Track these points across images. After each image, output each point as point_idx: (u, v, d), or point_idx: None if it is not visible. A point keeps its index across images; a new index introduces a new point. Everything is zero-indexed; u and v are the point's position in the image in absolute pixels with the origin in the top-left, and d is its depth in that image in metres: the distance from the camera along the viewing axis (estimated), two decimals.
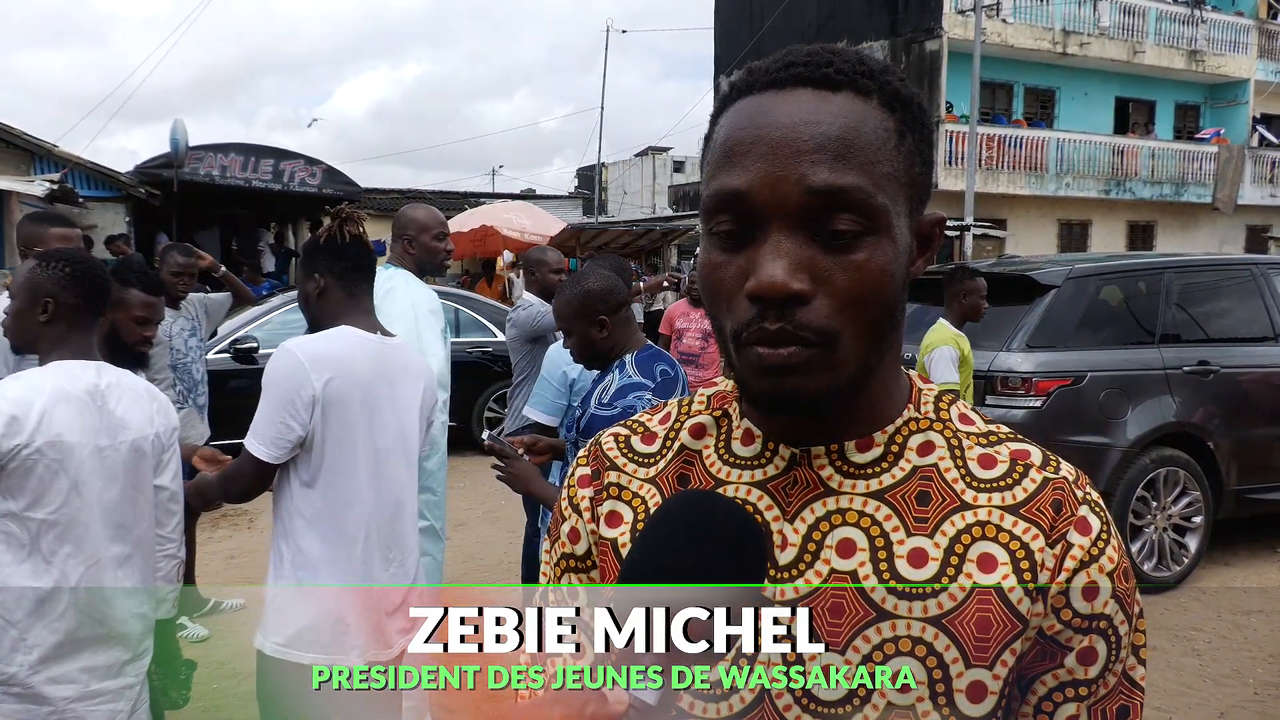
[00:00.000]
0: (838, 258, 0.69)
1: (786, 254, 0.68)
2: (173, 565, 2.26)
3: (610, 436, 0.87)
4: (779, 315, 0.69)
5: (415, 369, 2.32)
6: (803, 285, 0.68)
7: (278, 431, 2.08)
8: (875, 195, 0.69)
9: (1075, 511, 0.74)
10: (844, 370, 0.71)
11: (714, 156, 0.73)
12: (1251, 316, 5.68)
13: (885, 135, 0.71)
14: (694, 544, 0.66)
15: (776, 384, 0.71)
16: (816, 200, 0.68)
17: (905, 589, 0.72)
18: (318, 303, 2.23)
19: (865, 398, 0.76)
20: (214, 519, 6.26)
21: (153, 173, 13.61)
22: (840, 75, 0.72)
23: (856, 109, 0.71)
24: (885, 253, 0.71)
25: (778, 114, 0.70)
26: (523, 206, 16.18)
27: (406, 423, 2.26)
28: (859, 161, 0.69)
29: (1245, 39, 22.07)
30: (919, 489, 0.75)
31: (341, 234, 2.22)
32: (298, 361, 2.09)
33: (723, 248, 0.72)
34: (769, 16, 20.68)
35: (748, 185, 0.69)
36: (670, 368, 2.54)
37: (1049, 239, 20.57)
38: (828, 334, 0.69)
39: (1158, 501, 5.18)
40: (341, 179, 15.35)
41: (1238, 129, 22.35)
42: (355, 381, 2.13)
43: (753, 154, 0.70)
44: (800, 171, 0.68)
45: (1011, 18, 19.11)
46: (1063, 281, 5.30)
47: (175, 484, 2.25)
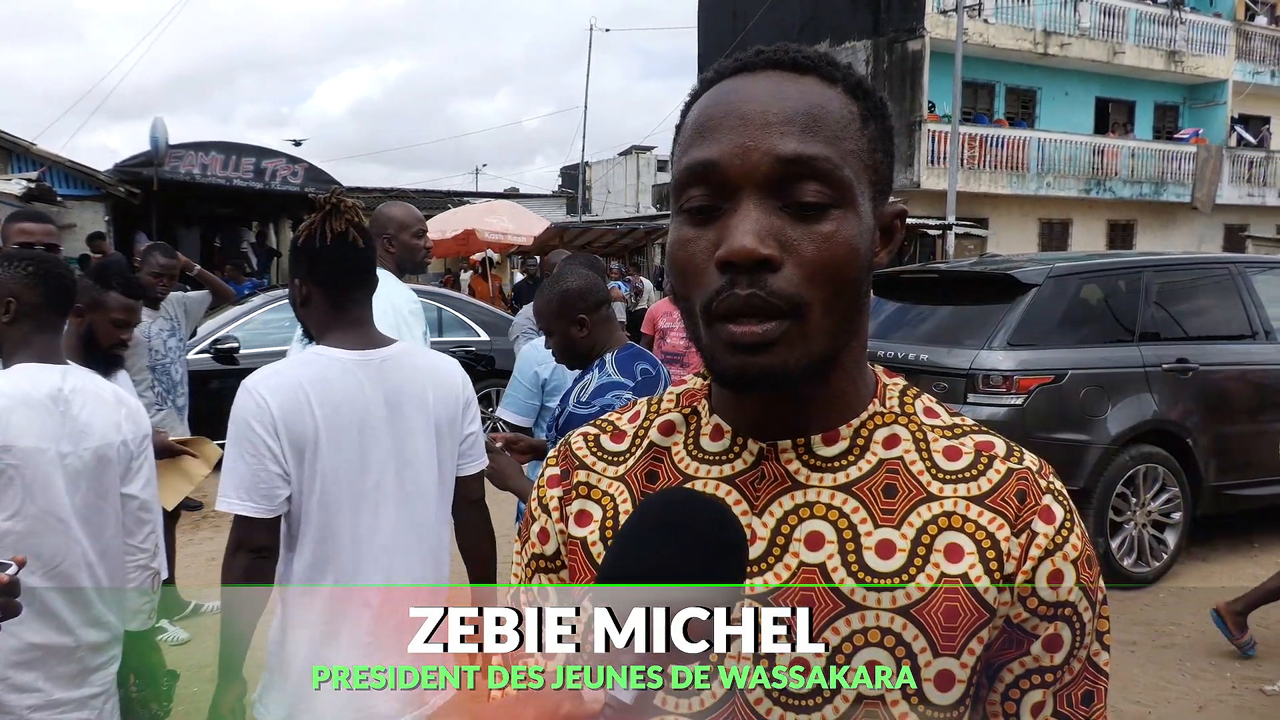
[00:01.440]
0: (806, 227, 0.71)
1: (756, 221, 0.70)
2: (146, 576, 2.19)
3: (580, 436, 0.88)
4: (749, 281, 0.70)
5: (420, 380, 1.96)
6: (771, 250, 0.70)
7: (250, 476, 1.79)
8: (841, 168, 0.72)
9: (1039, 501, 0.75)
10: (814, 345, 0.72)
11: (685, 137, 0.75)
12: (1229, 315, 5.73)
13: (850, 117, 0.74)
14: (674, 543, 0.66)
15: (748, 361, 0.71)
16: (785, 169, 0.70)
17: (873, 580, 0.73)
18: (303, 311, 1.98)
19: (832, 388, 0.77)
20: (194, 520, 6.21)
21: (132, 171, 13.51)
22: (807, 61, 0.75)
23: (823, 90, 0.74)
24: (851, 226, 0.72)
25: (748, 91, 0.73)
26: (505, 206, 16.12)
27: (409, 450, 1.92)
28: (826, 135, 0.72)
29: (1223, 40, 22.28)
30: (885, 481, 0.76)
31: (323, 232, 1.89)
32: (256, 397, 1.81)
33: (693, 223, 0.73)
34: (752, 16, 20.72)
35: (719, 155, 0.72)
36: (651, 366, 2.53)
37: (1030, 238, 20.70)
38: (797, 303, 0.70)
39: (1137, 498, 5.22)
40: (324, 178, 15.27)
41: (1216, 129, 22.56)
42: (330, 412, 1.82)
43: (724, 127, 0.72)
44: (770, 142, 0.71)
45: (993, 18, 19.22)
46: (1043, 280, 5.33)
47: (146, 492, 2.18)
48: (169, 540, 4.36)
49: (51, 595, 1.98)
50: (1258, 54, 22.83)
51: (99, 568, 2.07)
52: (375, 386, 1.89)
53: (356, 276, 1.94)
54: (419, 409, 1.93)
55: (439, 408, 1.96)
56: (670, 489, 0.79)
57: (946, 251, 16.48)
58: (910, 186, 18.77)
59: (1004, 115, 20.95)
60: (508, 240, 14.83)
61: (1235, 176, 22.14)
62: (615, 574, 0.67)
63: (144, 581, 2.19)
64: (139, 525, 2.18)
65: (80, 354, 2.54)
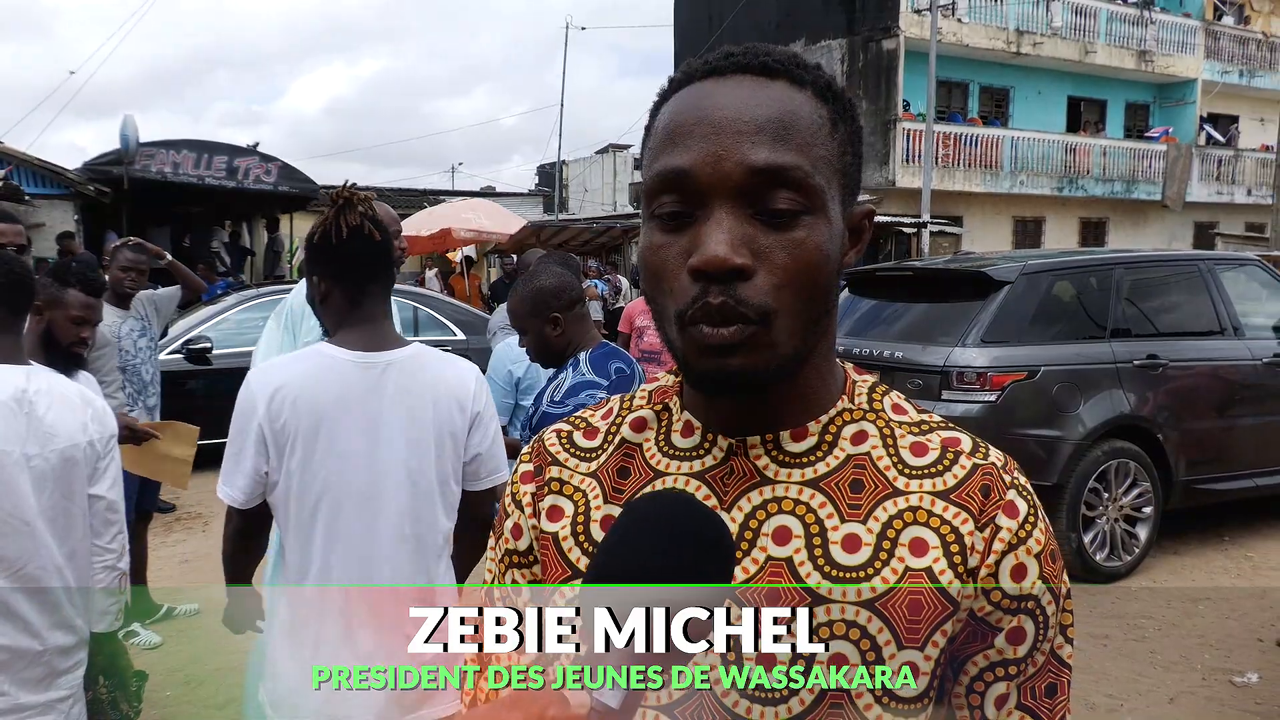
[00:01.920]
0: (777, 235, 0.72)
1: (729, 230, 0.70)
2: (113, 576, 2.18)
3: (553, 433, 0.89)
4: (722, 290, 0.70)
5: (425, 388, 1.91)
6: (744, 260, 0.70)
7: (235, 467, 1.83)
8: (812, 175, 0.72)
9: (1003, 496, 0.76)
10: (782, 349, 0.73)
11: (656, 141, 0.75)
12: (1199, 311, 5.81)
13: (820, 121, 0.74)
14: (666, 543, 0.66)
15: (720, 364, 0.72)
16: (757, 178, 0.71)
17: (839, 574, 0.73)
18: (322, 308, 1.97)
19: (801, 386, 0.78)
20: (167, 522, 6.15)
21: (102, 169, 13.33)
22: (777, 64, 0.75)
23: (792, 95, 0.74)
24: (822, 233, 0.73)
25: (719, 97, 0.73)
26: (482, 204, 16.07)
27: (398, 457, 1.87)
28: (797, 142, 0.72)
29: (1192, 40, 22.57)
30: (853, 476, 0.77)
31: (338, 227, 1.87)
32: (249, 391, 1.84)
33: (664, 229, 0.74)
34: (728, 14, 20.75)
35: (690, 164, 0.72)
36: (626, 365, 2.53)
37: (1004, 235, 20.89)
38: (766, 311, 0.71)
39: (1109, 493, 5.28)
40: (298, 176, 15.13)
41: (1185, 128, 22.86)
42: (312, 412, 1.81)
43: (695, 135, 0.72)
44: (742, 151, 0.71)
45: (967, 17, 19.37)
46: (1016, 278, 5.38)
47: (113, 493, 2.16)
48: (140, 542, 4.31)
49: (18, 598, 1.96)
50: (1226, 54, 23.14)
51: (67, 570, 2.05)
52: (372, 390, 1.85)
53: (373, 270, 1.92)
54: (418, 417, 1.89)
55: (442, 418, 1.91)
56: (662, 491, 0.79)
57: (922, 249, 16.59)
58: (885, 185, 18.88)
59: (978, 114, 21.12)
60: (484, 238, 14.78)
61: (1204, 175, 22.43)
62: (606, 574, 0.66)
63: (111, 582, 2.18)
64: (106, 526, 2.16)
65: (41, 353, 2.51)
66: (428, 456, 1.89)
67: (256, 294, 8.58)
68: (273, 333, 3.28)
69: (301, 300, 3.18)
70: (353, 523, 1.85)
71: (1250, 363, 5.74)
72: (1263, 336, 5.92)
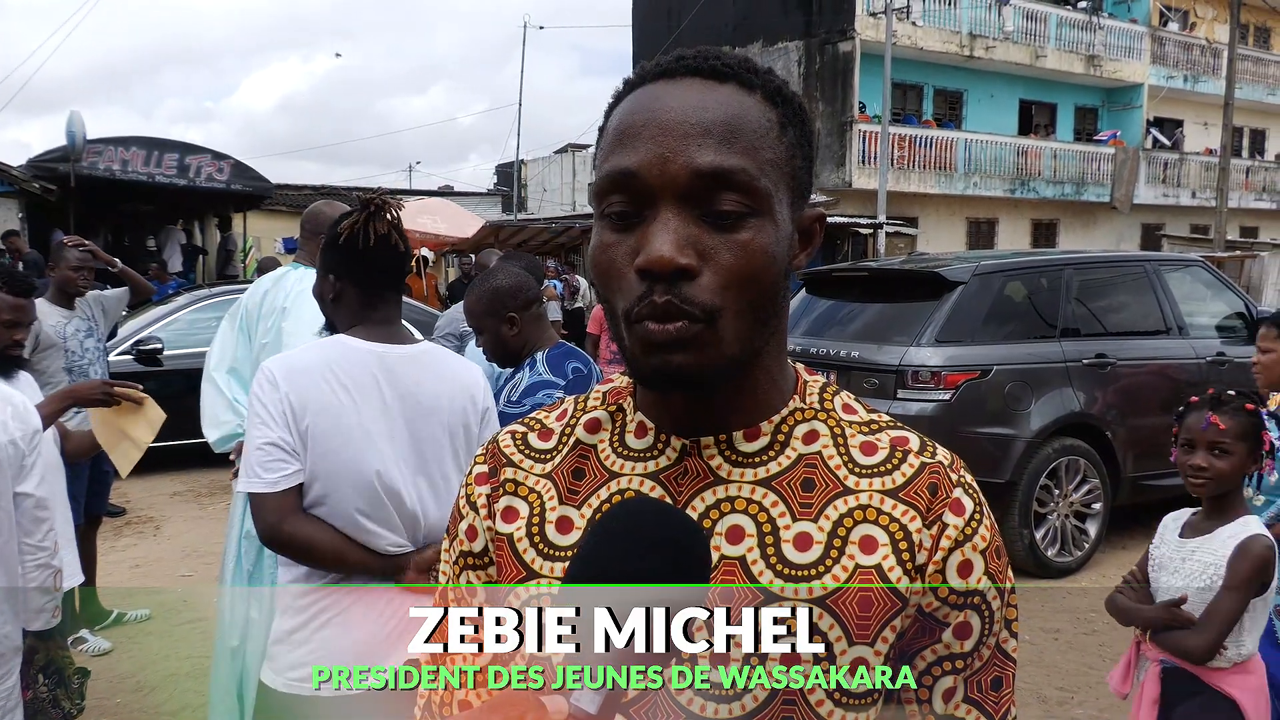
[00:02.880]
0: (723, 236, 0.73)
1: (674, 231, 0.71)
2: (46, 575, 2.14)
3: (508, 434, 0.89)
4: (666, 289, 0.71)
5: (437, 381, 1.94)
6: (689, 260, 0.71)
7: (258, 455, 1.79)
8: (759, 178, 0.73)
9: (950, 494, 0.77)
10: (726, 349, 0.74)
11: (606, 142, 0.77)
12: (1146, 311, 5.94)
13: (768, 125, 0.75)
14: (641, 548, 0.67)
15: (664, 360, 0.73)
16: (703, 180, 0.72)
17: (791, 572, 0.74)
18: (332, 307, 1.98)
19: (751, 386, 0.79)
20: (117, 526, 6.03)
21: (48, 166, 13.01)
22: (727, 68, 0.76)
23: (741, 99, 0.75)
24: (768, 234, 0.74)
25: (668, 99, 0.74)
26: (440, 204, 15.93)
27: (414, 443, 1.89)
28: (743, 145, 0.73)
29: (1139, 45, 23.08)
30: (804, 476, 0.78)
31: (366, 233, 1.88)
32: (269, 376, 1.83)
33: (614, 228, 0.75)
34: (686, 15, 20.82)
35: (638, 164, 0.73)
36: (583, 365, 2.53)
37: (958, 236, 21.20)
38: (711, 310, 0.72)
39: (1060, 489, 5.38)
40: (251, 174, 14.88)
41: (1133, 131, 23.37)
42: (337, 397, 1.82)
43: (643, 136, 0.73)
44: (689, 153, 0.72)
45: (921, 21, 19.61)
46: (969, 278, 5.46)
47: (41, 490, 2.12)
48: (89, 546, 4.22)
49: None
50: (1171, 59, 23.70)
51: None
52: (390, 378, 1.88)
53: (392, 278, 1.97)
54: (432, 408, 1.92)
55: (454, 411, 1.94)
56: (638, 499, 0.79)
57: (878, 250, 16.78)
58: (842, 186, 19.06)
59: (932, 116, 21.41)
60: (442, 239, 14.67)
61: (1151, 177, 22.95)
62: (584, 576, 0.67)
63: (45, 580, 2.13)
64: (36, 524, 2.12)
65: None
66: (442, 447, 1.92)
67: (209, 294, 8.43)
68: (227, 334, 3.23)
69: (257, 301, 3.14)
70: (369, 508, 1.84)
71: (1195, 361, 5.88)
72: (1206, 336, 6.07)
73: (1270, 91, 25.41)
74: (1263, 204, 24.95)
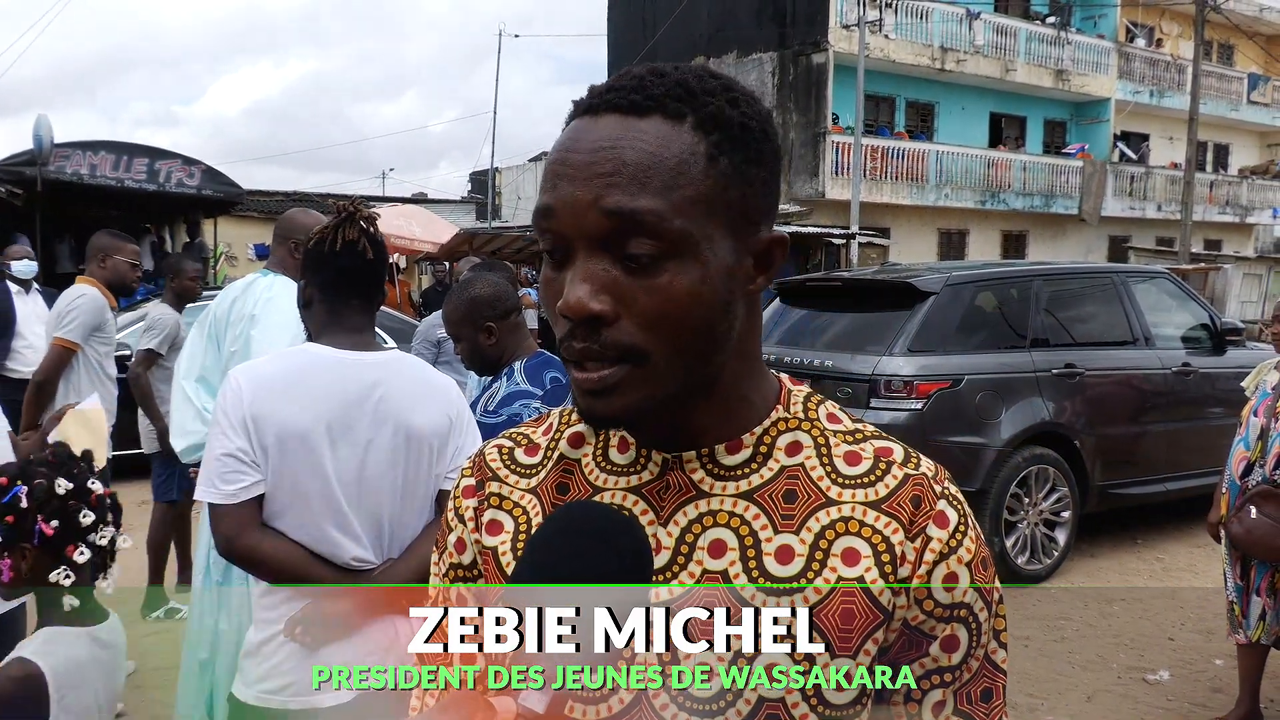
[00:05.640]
0: (639, 280, 0.71)
1: (588, 277, 0.71)
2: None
3: (494, 448, 0.89)
4: (585, 335, 0.72)
5: (405, 388, 1.91)
6: (603, 306, 0.71)
7: (217, 465, 1.76)
8: (672, 219, 0.71)
9: (934, 506, 0.77)
10: (660, 388, 0.74)
11: (542, 179, 0.76)
12: (1113, 321, 6.02)
13: (691, 159, 0.72)
14: (580, 547, 0.68)
15: (593, 404, 0.74)
16: (610, 223, 0.70)
17: (773, 585, 0.74)
18: (306, 314, 1.99)
19: (721, 404, 0.79)
20: None
21: (13, 170, 12.80)
22: (649, 101, 0.73)
23: (661, 133, 0.72)
24: (690, 275, 0.72)
25: (585, 140, 0.73)
26: (413, 211, 15.88)
27: (378, 454, 1.86)
28: (656, 186, 0.70)
29: (1106, 60, 23.46)
30: (786, 487, 0.77)
31: (334, 238, 1.89)
32: (234, 385, 1.80)
33: (551, 264, 0.75)
34: (661, 25, 20.90)
35: (554, 204, 0.73)
36: (561, 375, 2.52)
37: (930, 247, 21.40)
38: (635, 351, 0.72)
39: (1030, 498, 5.44)
40: (222, 179, 14.71)
41: (1100, 145, 23.73)
42: (305, 407, 1.80)
43: (561, 176, 0.73)
44: (595, 194, 0.71)
45: (894, 34, 19.82)
46: (941, 288, 5.51)
47: None
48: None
49: None
50: (1138, 74, 24.10)
51: None
52: (357, 386, 1.86)
53: (359, 286, 1.94)
54: (399, 416, 1.88)
55: (423, 419, 1.91)
56: (575, 502, 0.80)
57: (850, 260, 16.89)
58: (815, 196, 19.20)
59: (904, 128, 21.62)
60: (416, 246, 14.60)
61: (1118, 190, 23.30)
62: (527, 576, 0.68)
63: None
64: None
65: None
66: (409, 456, 1.90)
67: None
68: (196, 341, 3.18)
69: (225, 308, 3.10)
70: (332, 519, 1.82)
71: (1161, 371, 5.97)
72: (1172, 346, 6.17)
73: (1234, 107, 25.91)
74: (1226, 217, 25.40)
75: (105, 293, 4.11)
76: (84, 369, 3.97)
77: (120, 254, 4.14)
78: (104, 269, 4.10)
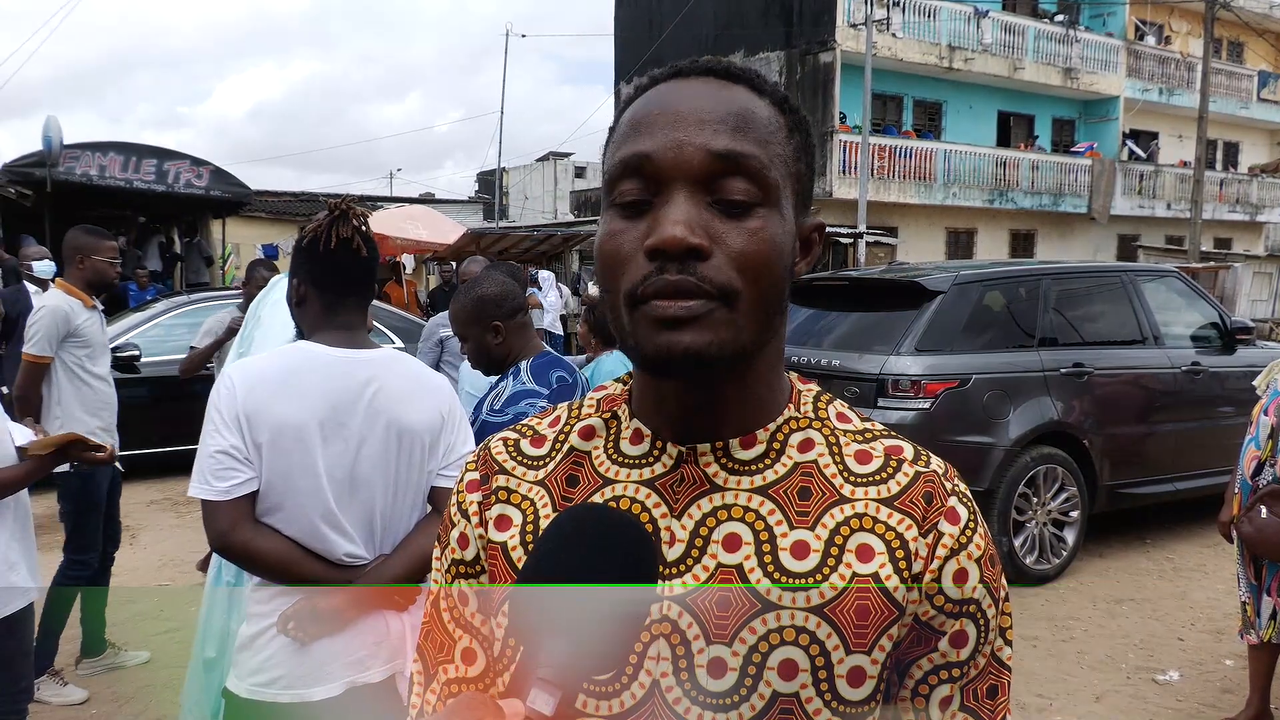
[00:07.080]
0: (733, 223, 0.74)
1: (686, 213, 0.72)
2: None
3: (500, 441, 0.88)
4: (680, 268, 0.72)
5: (397, 385, 1.92)
6: (701, 240, 0.72)
7: (210, 462, 1.78)
8: (769, 168, 0.75)
9: (945, 502, 0.78)
10: (741, 333, 0.74)
11: (619, 135, 0.78)
12: (1122, 321, 6.00)
13: (777, 125, 0.78)
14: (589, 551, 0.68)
15: (674, 339, 0.72)
16: (717, 164, 0.73)
17: (789, 580, 0.74)
18: (298, 311, 2.00)
19: (748, 392, 0.79)
20: None
21: (23, 171, 12.85)
22: (739, 71, 0.80)
23: (752, 98, 0.78)
24: (776, 226, 0.75)
25: (683, 93, 0.77)
26: (420, 212, 15.87)
27: (372, 451, 1.87)
28: (755, 137, 0.75)
29: (1115, 58, 23.38)
30: (800, 484, 0.78)
31: (328, 235, 1.90)
32: (227, 382, 1.82)
33: (624, 216, 0.75)
34: (668, 24, 20.90)
35: (652, 149, 0.74)
36: (568, 374, 2.53)
37: (937, 246, 21.35)
38: (728, 289, 0.72)
39: (1038, 497, 5.42)
40: (230, 180, 14.76)
41: (1109, 143, 23.65)
42: (298, 404, 1.81)
43: (659, 123, 0.75)
44: (703, 138, 0.74)
45: (901, 32, 19.78)
46: (949, 288, 5.50)
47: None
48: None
49: None
50: (1146, 73, 24.02)
51: None
52: (349, 383, 1.87)
53: (353, 284, 1.96)
54: (391, 413, 1.90)
55: (415, 416, 1.93)
56: (581, 505, 0.79)
57: (858, 259, 16.87)
58: (822, 195, 19.17)
59: (912, 127, 21.57)
60: (423, 246, 14.62)
61: (1127, 189, 23.22)
62: (535, 576, 0.68)
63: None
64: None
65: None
66: (401, 452, 1.91)
67: (187, 300, 8.36)
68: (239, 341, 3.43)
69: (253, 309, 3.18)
70: (325, 515, 1.83)
71: (1170, 371, 5.95)
72: (1181, 345, 6.15)
73: (1243, 105, 25.81)
74: (1236, 216, 25.31)
75: (80, 295, 4.03)
76: (63, 375, 3.95)
77: (98, 253, 4.07)
78: (81, 269, 4.03)
